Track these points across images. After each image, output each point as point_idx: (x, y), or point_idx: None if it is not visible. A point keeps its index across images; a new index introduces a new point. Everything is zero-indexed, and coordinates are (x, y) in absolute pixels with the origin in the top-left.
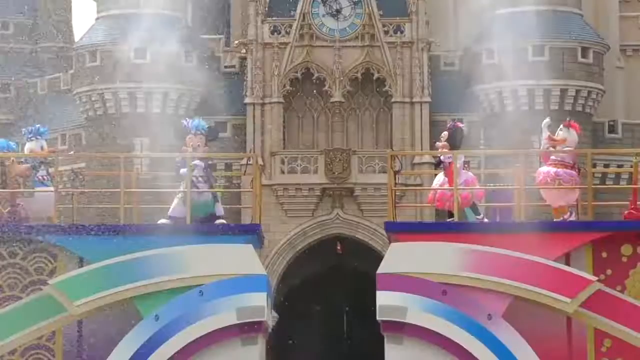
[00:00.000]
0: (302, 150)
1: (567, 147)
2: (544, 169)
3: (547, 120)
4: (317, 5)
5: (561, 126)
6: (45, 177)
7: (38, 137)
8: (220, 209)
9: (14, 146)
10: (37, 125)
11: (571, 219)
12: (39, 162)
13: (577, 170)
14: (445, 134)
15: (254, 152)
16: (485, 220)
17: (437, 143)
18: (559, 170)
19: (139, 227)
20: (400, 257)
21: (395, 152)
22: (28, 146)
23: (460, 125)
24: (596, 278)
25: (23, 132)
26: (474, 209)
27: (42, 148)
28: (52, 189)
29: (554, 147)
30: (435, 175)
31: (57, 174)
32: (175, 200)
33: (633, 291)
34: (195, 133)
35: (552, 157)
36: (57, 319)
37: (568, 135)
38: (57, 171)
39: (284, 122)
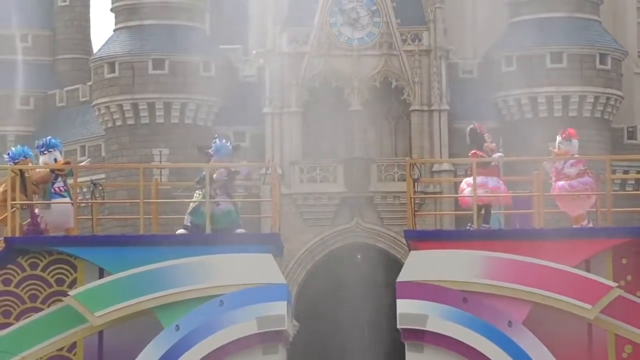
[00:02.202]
0: (321, 159)
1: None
2: (559, 183)
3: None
4: (335, 15)
5: (559, 139)
6: (62, 189)
7: (50, 149)
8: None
9: (30, 153)
10: (49, 138)
11: (589, 225)
12: (55, 174)
13: (596, 176)
14: (487, 136)
15: (272, 161)
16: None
17: (485, 144)
18: (572, 182)
19: (158, 238)
20: (420, 265)
21: (414, 160)
22: (42, 160)
23: (473, 126)
24: (616, 284)
25: (36, 145)
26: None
27: (55, 160)
28: (68, 200)
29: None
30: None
31: (77, 185)
32: (191, 207)
33: None
34: (222, 159)
35: (565, 171)
36: (77, 330)
37: (569, 146)
38: (77, 182)
39: (303, 131)
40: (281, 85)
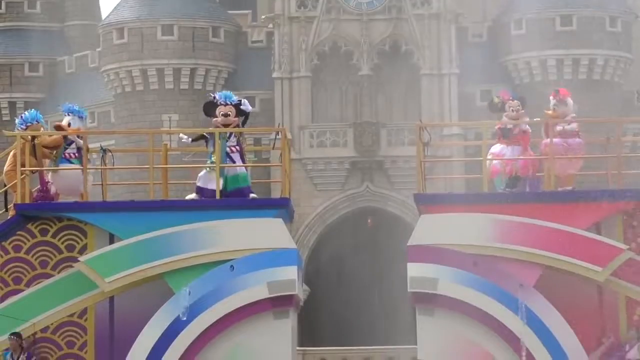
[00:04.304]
0: (330, 123)
1: (569, 116)
2: (554, 140)
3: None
4: None
5: (554, 101)
6: (72, 155)
7: (79, 114)
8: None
9: (41, 118)
10: (70, 105)
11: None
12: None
13: (606, 139)
14: (508, 106)
15: (282, 126)
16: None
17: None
18: (568, 140)
19: (168, 203)
20: (430, 229)
21: (424, 123)
22: (67, 120)
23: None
24: (627, 246)
25: (65, 108)
26: (510, 180)
27: (69, 125)
28: (78, 166)
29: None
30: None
31: (87, 151)
32: (202, 172)
33: None
34: (225, 103)
35: (559, 128)
36: (88, 296)
37: (565, 107)
38: (87, 148)
39: (312, 96)
40: (290, 50)
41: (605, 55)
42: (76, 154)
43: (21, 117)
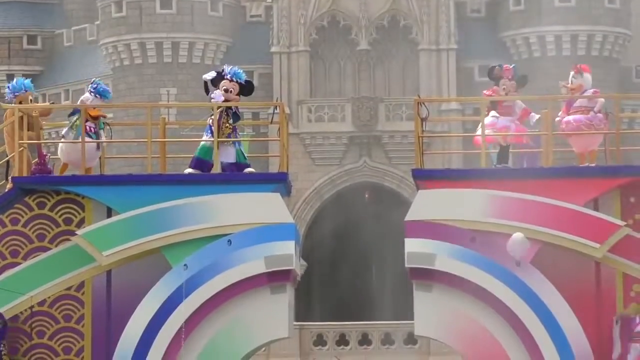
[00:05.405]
0: (329, 98)
1: (586, 91)
2: (575, 117)
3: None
4: None
5: (572, 73)
6: (91, 129)
7: (96, 93)
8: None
9: (31, 85)
10: (101, 88)
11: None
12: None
13: (605, 115)
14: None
15: (280, 100)
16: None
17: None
18: (589, 116)
19: (166, 177)
20: (428, 204)
21: (422, 98)
22: (85, 96)
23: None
24: (624, 223)
25: (91, 85)
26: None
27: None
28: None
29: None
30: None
31: (84, 125)
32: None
33: None
34: (231, 79)
35: (576, 105)
36: (85, 270)
37: (582, 80)
38: (84, 122)
39: (311, 70)
40: (289, 25)
41: (604, 32)
42: (94, 128)
43: (9, 87)
